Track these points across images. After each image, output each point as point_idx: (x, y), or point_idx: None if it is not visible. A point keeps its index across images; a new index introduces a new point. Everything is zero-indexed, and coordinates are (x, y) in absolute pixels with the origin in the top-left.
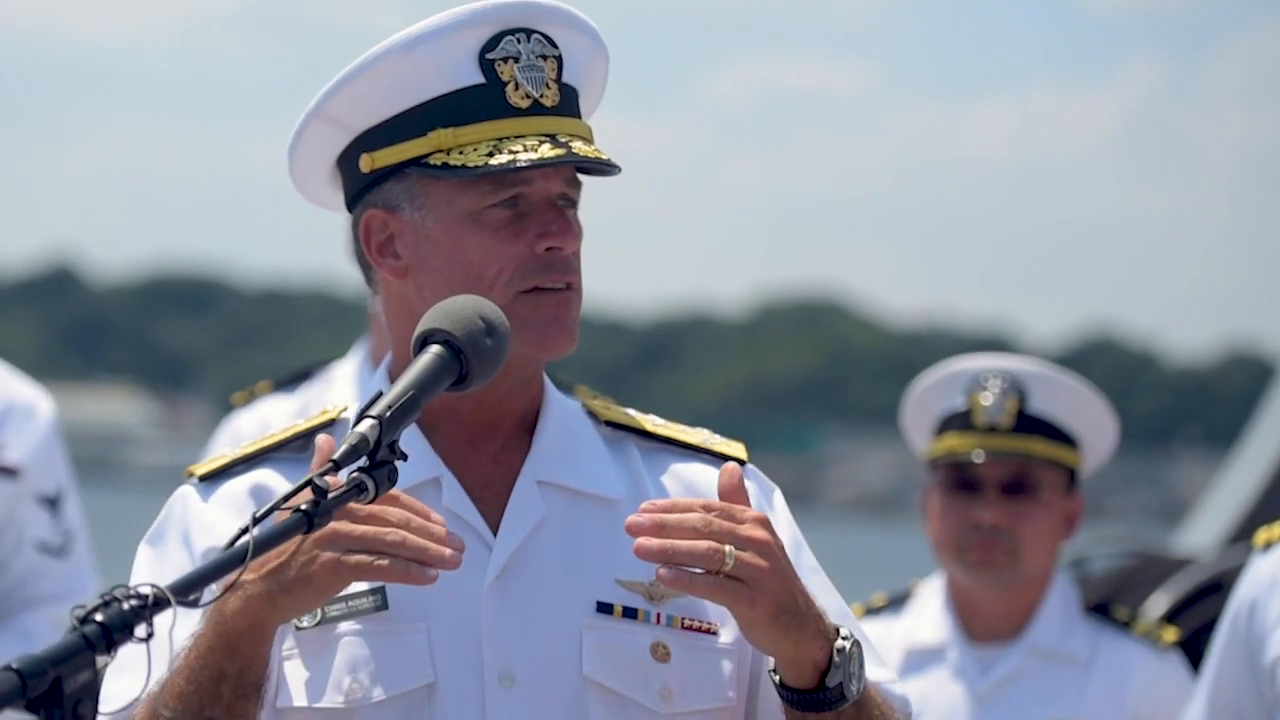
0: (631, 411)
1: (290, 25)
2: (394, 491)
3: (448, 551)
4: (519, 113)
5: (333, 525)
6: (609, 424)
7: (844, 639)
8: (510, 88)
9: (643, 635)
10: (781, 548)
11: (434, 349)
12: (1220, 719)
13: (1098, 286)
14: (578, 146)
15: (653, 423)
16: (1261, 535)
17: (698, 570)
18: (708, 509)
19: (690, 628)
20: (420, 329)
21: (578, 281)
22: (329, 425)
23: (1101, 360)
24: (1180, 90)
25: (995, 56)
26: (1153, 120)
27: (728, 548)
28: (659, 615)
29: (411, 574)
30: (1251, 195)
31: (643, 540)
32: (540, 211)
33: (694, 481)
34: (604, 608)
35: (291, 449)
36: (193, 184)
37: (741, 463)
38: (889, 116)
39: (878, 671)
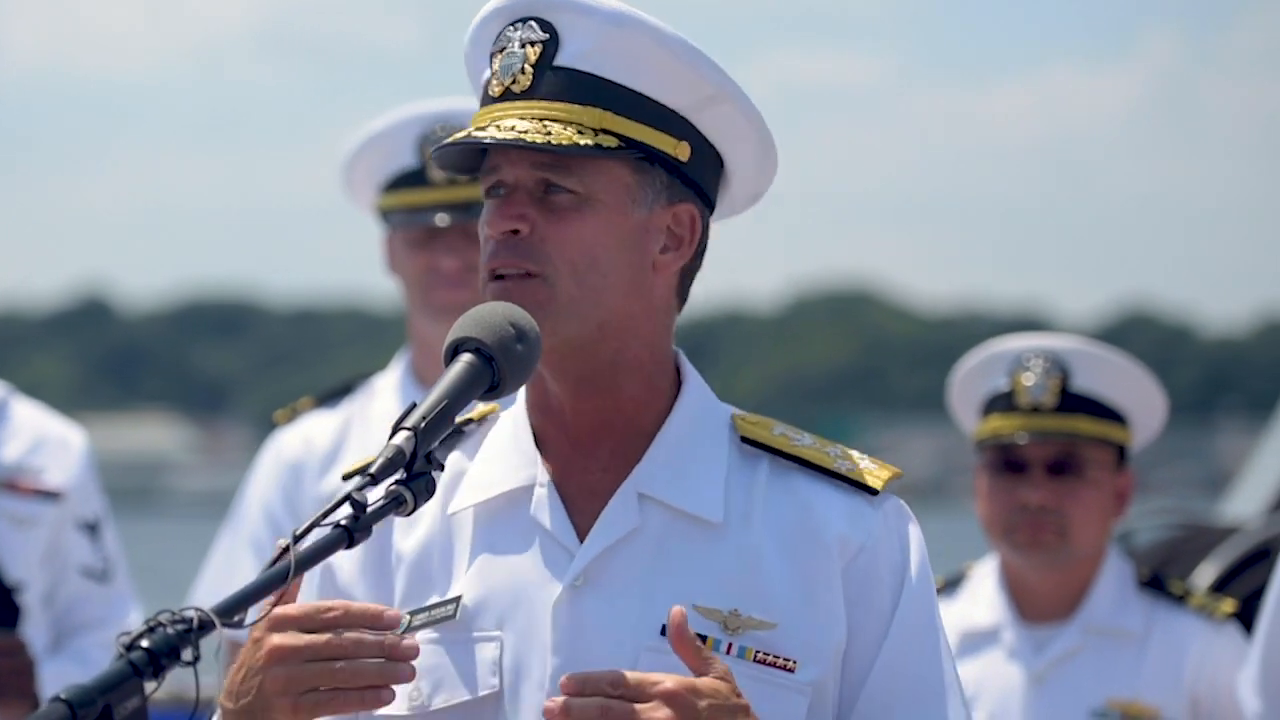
0: (778, 429)
1: (307, 47)
2: (341, 603)
3: (400, 667)
4: (491, 101)
5: (276, 644)
6: (744, 440)
7: None
8: (492, 79)
9: None
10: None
11: (465, 358)
12: (1275, 681)
13: (1129, 262)
14: (522, 128)
15: (791, 442)
16: None
17: None
18: (615, 686)
19: (764, 661)
20: (450, 338)
21: (532, 267)
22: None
23: (1137, 335)
24: (1201, 61)
25: (1011, 37)
26: (1175, 92)
27: None
28: (730, 645)
29: (367, 700)
30: (1278, 162)
31: None
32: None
33: (812, 505)
34: None
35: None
36: (219, 208)
37: (874, 492)
38: (908, 104)
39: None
